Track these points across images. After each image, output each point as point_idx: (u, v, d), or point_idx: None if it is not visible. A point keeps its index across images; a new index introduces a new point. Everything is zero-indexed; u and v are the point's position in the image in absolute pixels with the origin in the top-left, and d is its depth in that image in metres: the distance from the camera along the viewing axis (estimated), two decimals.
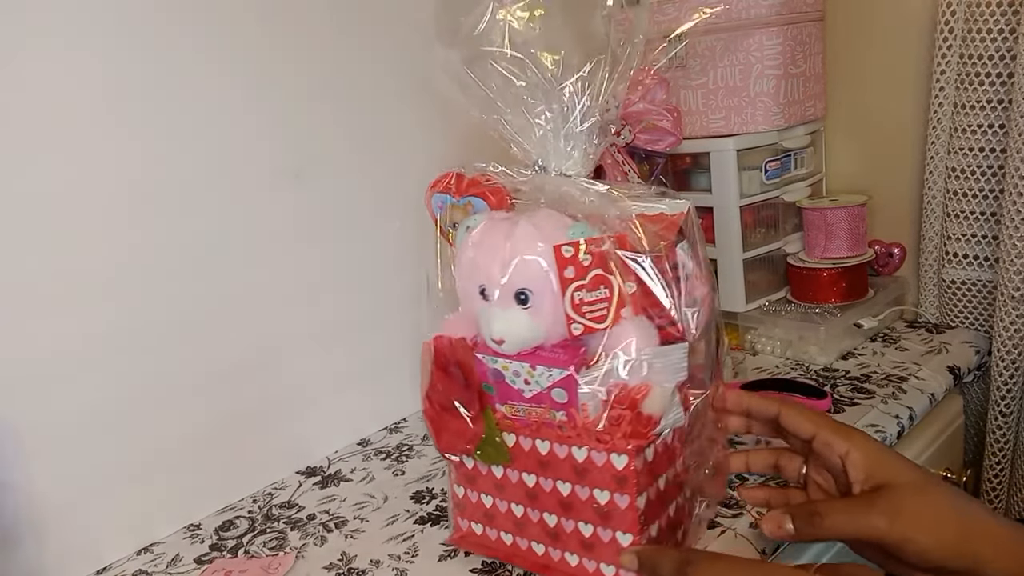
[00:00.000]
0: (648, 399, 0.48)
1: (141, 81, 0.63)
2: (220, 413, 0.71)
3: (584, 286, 0.47)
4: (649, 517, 0.50)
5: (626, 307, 0.48)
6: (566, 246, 0.47)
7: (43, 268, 0.60)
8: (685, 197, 0.86)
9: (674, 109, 0.82)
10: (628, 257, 0.48)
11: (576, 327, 0.48)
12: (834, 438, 0.52)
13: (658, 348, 0.49)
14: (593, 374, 0.48)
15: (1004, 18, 0.78)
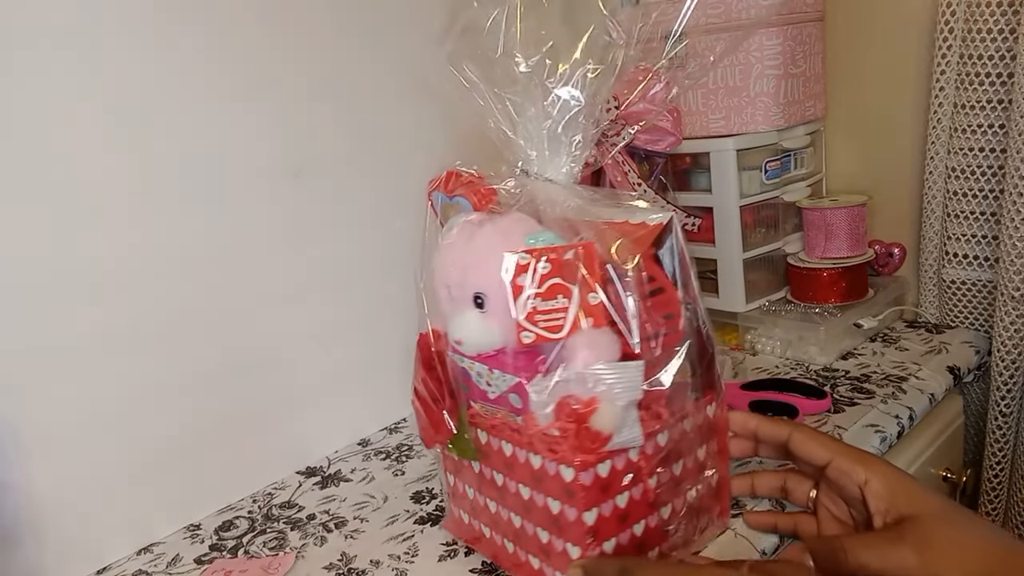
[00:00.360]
0: (596, 415, 0.47)
1: (141, 80, 0.63)
2: (220, 413, 0.71)
3: (539, 295, 0.47)
4: (602, 533, 0.50)
5: (586, 319, 0.47)
6: (522, 253, 0.46)
7: (43, 268, 0.60)
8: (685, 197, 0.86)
9: (674, 109, 0.82)
10: (595, 268, 0.47)
11: (527, 335, 0.47)
12: (852, 466, 0.50)
13: (613, 364, 0.47)
14: (544, 384, 0.47)
15: (1004, 18, 0.78)
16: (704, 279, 0.93)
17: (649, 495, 0.51)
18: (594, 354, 0.47)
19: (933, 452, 0.80)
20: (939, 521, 0.47)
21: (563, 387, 0.47)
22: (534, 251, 0.47)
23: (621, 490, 0.50)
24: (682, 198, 0.90)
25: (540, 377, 0.48)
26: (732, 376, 0.83)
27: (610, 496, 0.49)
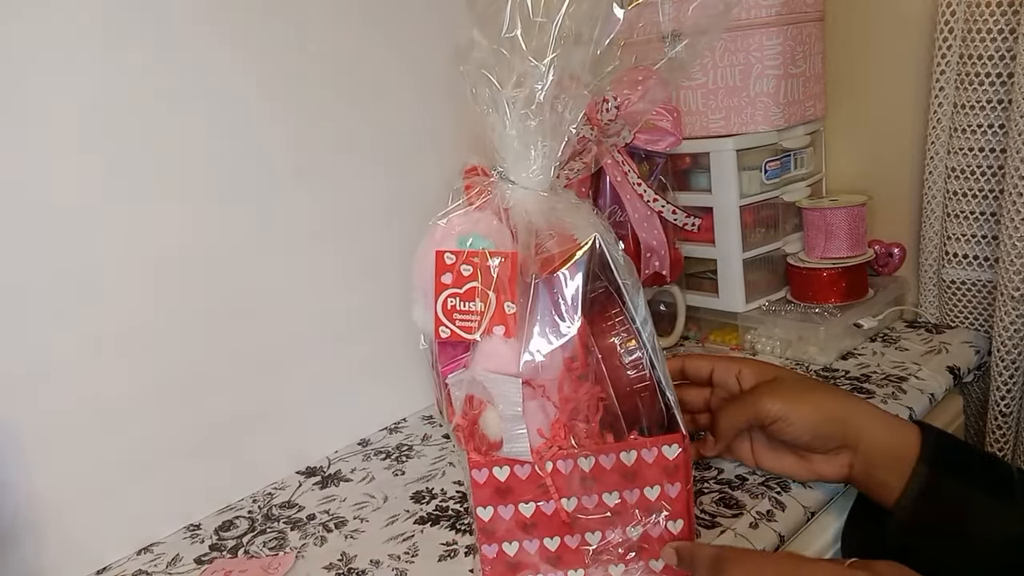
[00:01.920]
0: (482, 419, 0.49)
1: (142, 80, 0.63)
2: (220, 413, 0.71)
3: (459, 295, 0.49)
4: (498, 535, 0.52)
5: (498, 326, 0.49)
6: (448, 253, 0.49)
7: (43, 268, 0.60)
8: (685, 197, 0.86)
9: (674, 109, 0.82)
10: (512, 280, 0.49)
11: (444, 331, 0.49)
12: (728, 364, 0.63)
13: (498, 375, 0.48)
14: (458, 377, 0.50)
15: (1004, 18, 0.78)
16: (704, 279, 0.94)
17: (561, 514, 0.51)
18: (492, 362, 0.49)
19: None
20: (791, 378, 0.61)
21: (468, 386, 0.49)
22: (460, 253, 0.49)
23: (520, 498, 0.51)
24: (682, 198, 0.90)
25: (459, 371, 0.50)
26: None
27: (509, 501, 0.51)
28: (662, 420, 0.53)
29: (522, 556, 0.53)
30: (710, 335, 0.95)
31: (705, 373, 0.64)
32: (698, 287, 0.94)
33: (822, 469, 0.58)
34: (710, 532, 0.58)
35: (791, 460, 0.60)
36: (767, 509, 0.60)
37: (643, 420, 0.52)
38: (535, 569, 0.53)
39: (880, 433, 0.55)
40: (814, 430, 0.56)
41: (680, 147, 0.83)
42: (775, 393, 0.57)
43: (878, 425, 0.55)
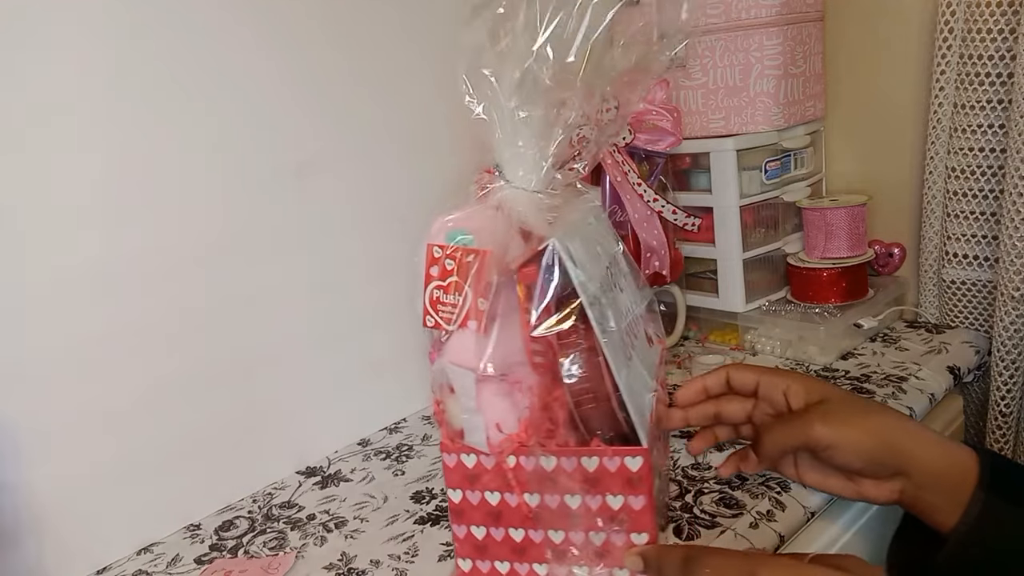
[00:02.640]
0: (446, 406, 0.52)
1: (143, 78, 0.63)
2: (220, 413, 0.71)
3: (443, 287, 0.51)
4: (467, 516, 0.54)
5: (473, 320, 0.50)
6: (436, 247, 0.51)
7: (43, 268, 0.60)
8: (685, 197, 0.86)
9: (674, 109, 0.82)
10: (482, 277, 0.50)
11: (429, 320, 0.52)
12: (775, 378, 0.60)
13: (456, 366, 0.50)
14: (439, 363, 0.52)
15: (1004, 18, 0.78)
16: (704, 279, 0.94)
17: (524, 508, 0.52)
18: (459, 355, 0.50)
19: None
20: (842, 401, 0.57)
21: (438, 375, 0.52)
22: (445, 247, 0.51)
23: (486, 487, 0.53)
24: (682, 198, 0.90)
25: (437, 360, 0.53)
26: None
27: (477, 488, 0.53)
28: (622, 431, 0.52)
29: (489, 542, 0.54)
30: (710, 335, 0.95)
31: (750, 385, 0.61)
32: (698, 287, 0.94)
33: (870, 492, 0.56)
34: (710, 532, 0.58)
35: (837, 480, 0.57)
36: (767, 509, 0.60)
37: (603, 428, 0.51)
38: (501, 556, 0.55)
39: (934, 458, 0.53)
40: (866, 458, 0.54)
41: (680, 147, 0.83)
42: (826, 418, 0.54)
43: (932, 450, 0.53)
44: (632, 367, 0.53)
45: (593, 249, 0.53)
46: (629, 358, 0.53)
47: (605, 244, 0.57)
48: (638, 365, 0.55)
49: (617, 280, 0.57)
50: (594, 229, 0.55)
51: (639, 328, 0.58)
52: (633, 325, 0.57)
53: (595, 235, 0.55)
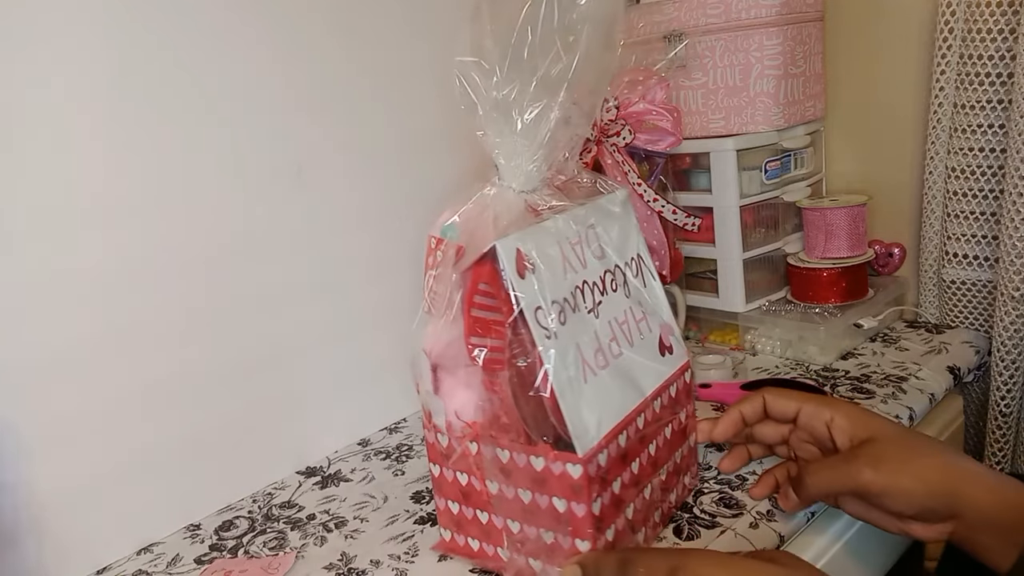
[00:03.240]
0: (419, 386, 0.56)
1: (144, 78, 0.63)
2: (220, 413, 0.71)
3: (434, 276, 0.54)
4: (444, 491, 0.58)
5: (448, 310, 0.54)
6: (432, 238, 0.53)
7: (43, 267, 0.60)
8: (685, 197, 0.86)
9: (674, 109, 0.82)
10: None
11: (424, 305, 0.55)
12: (818, 408, 0.57)
13: (419, 352, 0.55)
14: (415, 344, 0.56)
15: (1004, 18, 0.78)
16: (704, 279, 0.94)
17: (484, 494, 0.55)
18: (429, 341, 0.54)
19: None
20: (893, 440, 0.53)
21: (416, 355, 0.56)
22: (439, 240, 0.53)
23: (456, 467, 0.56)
24: (682, 198, 0.90)
25: None
26: (732, 376, 0.83)
27: (449, 466, 0.57)
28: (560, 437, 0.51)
29: (461, 518, 0.58)
30: (710, 335, 0.95)
31: (790, 414, 0.59)
32: (698, 287, 0.94)
33: (918, 532, 0.53)
34: (710, 532, 0.58)
35: (881, 516, 0.54)
36: (767, 509, 0.60)
37: (547, 431, 0.51)
38: (472, 534, 0.58)
39: (989, 502, 0.50)
40: (919, 505, 0.50)
41: (680, 147, 0.83)
42: (877, 464, 0.51)
43: (987, 492, 0.50)
44: (603, 377, 0.53)
45: (554, 252, 0.52)
46: (603, 365, 0.53)
47: (604, 247, 0.57)
48: (622, 374, 0.54)
49: (616, 285, 0.57)
50: (574, 232, 0.54)
51: (647, 336, 0.58)
52: (627, 332, 0.56)
53: (577, 238, 0.54)
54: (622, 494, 0.53)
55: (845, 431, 0.55)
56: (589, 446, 0.50)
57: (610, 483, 0.52)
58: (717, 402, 0.78)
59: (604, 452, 0.51)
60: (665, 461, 0.59)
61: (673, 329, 0.61)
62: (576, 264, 0.54)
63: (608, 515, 0.52)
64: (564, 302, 0.52)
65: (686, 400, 0.61)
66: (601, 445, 0.51)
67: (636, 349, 0.57)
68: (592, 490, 0.50)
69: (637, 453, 0.55)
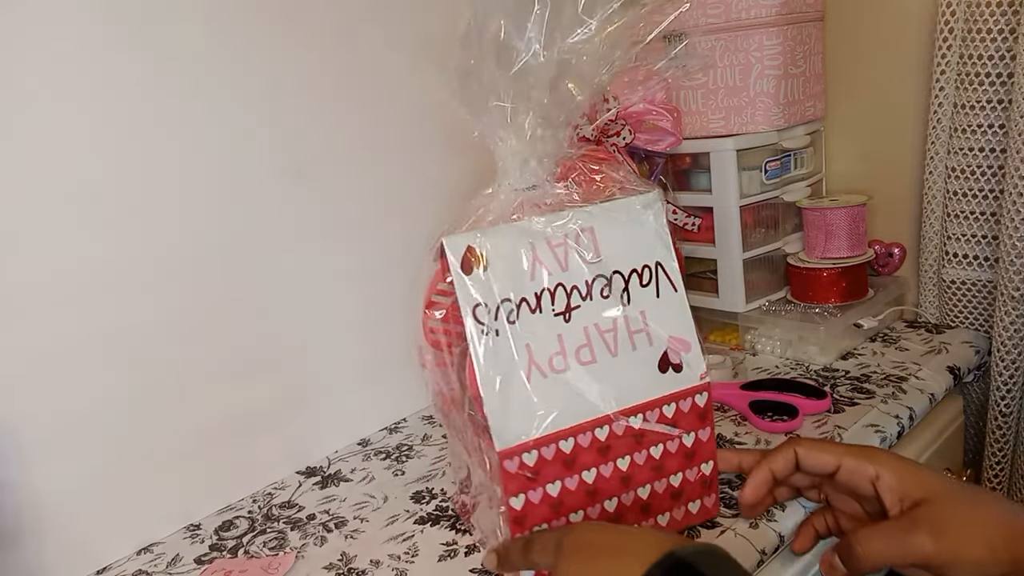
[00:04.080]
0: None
1: (144, 78, 0.63)
2: (220, 413, 0.71)
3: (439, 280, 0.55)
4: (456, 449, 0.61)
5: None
6: (438, 246, 0.53)
7: (43, 267, 0.60)
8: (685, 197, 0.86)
9: (674, 109, 0.82)
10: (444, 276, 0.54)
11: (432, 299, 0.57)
12: (861, 464, 0.51)
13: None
14: None
15: (1004, 18, 0.78)
16: (704, 279, 0.94)
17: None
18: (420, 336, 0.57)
19: (933, 452, 0.80)
20: (952, 502, 0.48)
21: None
22: (438, 245, 0.53)
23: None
24: (682, 198, 0.90)
25: None
26: (732, 376, 0.83)
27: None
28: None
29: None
30: (710, 335, 0.95)
31: (828, 470, 0.53)
32: (698, 287, 0.94)
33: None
34: (710, 532, 0.58)
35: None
36: (767, 509, 0.60)
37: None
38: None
39: None
40: (985, 573, 0.46)
41: (680, 147, 0.83)
42: (938, 532, 0.46)
43: None
44: (556, 380, 0.53)
45: (519, 251, 0.53)
46: (562, 369, 0.53)
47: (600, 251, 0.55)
48: (590, 382, 0.53)
49: (607, 292, 0.54)
50: (558, 234, 0.54)
51: (643, 349, 0.55)
52: (611, 341, 0.54)
53: (561, 240, 0.54)
54: (563, 498, 0.53)
55: (894, 491, 0.49)
56: (509, 444, 0.51)
57: (542, 484, 0.53)
58: (717, 403, 0.78)
59: (533, 453, 0.52)
60: (647, 481, 0.56)
61: (691, 346, 0.56)
62: (553, 265, 0.54)
63: (535, 513, 0.53)
64: (522, 301, 0.52)
65: (696, 423, 0.56)
66: (528, 445, 0.52)
67: (621, 360, 0.54)
68: (511, 484, 0.51)
69: (593, 464, 0.54)
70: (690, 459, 0.57)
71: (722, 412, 0.76)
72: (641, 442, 0.55)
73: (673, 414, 0.56)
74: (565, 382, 0.53)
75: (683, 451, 0.57)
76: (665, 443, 0.56)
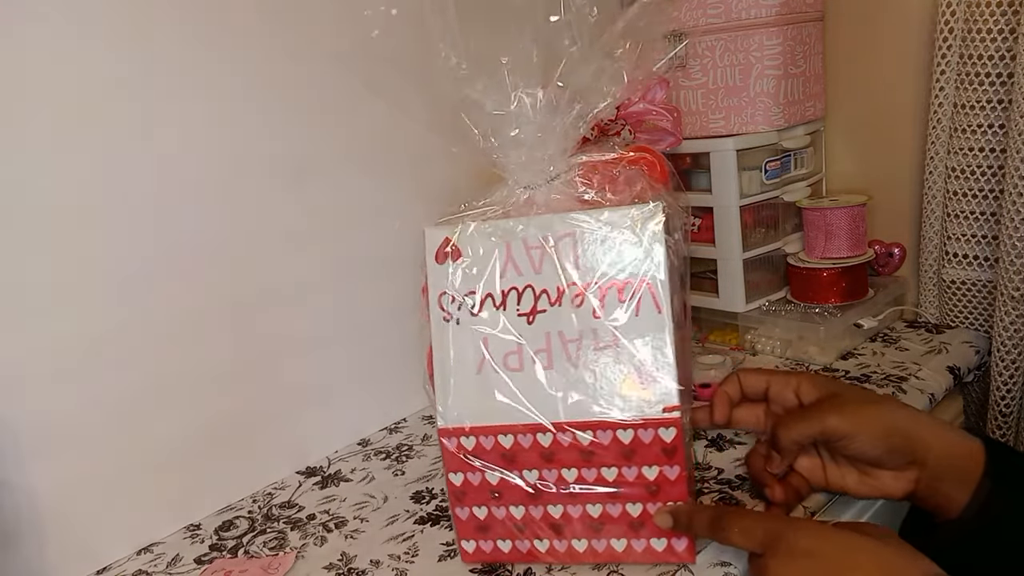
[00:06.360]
0: None
1: (148, 76, 0.63)
2: (220, 413, 0.71)
3: None
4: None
5: None
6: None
7: (43, 268, 0.60)
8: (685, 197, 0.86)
9: (674, 109, 0.82)
10: None
11: None
12: (785, 378, 0.60)
13: None
14: None
15: (1004, 18, 0.78)
16: (704, 279, 0.94)
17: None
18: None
19: None
20: (856, 393, 0.59)
21: None
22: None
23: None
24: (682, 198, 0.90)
25: None
26: None
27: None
28: None
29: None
30: (710, 335, 0.95)
31: (760, 389, 0.61)
32: (698, 287, 0.94)
33: (888, 486, 0.55)
34: None
35: (854, 477, 0.57)
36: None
37: None
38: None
39: (946, 447, 0.53)
40: (883, 445, 0.54)
41: (680, 147, 0.83)
42: (842, 409, 0.55)
43: (944, 439, 0.54)
44: (506, 378, 0.54)
45: (494, 249, 0.55)
46: (515, 368, 0.54)
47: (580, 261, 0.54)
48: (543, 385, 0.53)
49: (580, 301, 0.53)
50: (536, 237, 0.54)
51: (609, 368, 0.53)
52: (574, 352, 0.53)
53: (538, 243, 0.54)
54: (503, 490, 0.56)
55: (812, 393, 0.58)
56: (448, 424, 0.55)
57: (481, 471, 0.55)
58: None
59: (472, 439, 0.55)
60: (598, 501, 0.54)
61: (663, 374, 0.52)
62: (526, 267, 0.54)
63: (475, 493, 0.56)
64: (487, 296, 0.55)
65: (661, 459, 0.52)
66: (466, 430, 0.55)
67: (580, 372, 0.53)
68: (450, 461, 0.56)
69: (535, 466, 0.54)
70: (653, 494, 0.53)
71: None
72: (590, 460, 0.53)
73: (630, 441, 0.52)
74: (516, 381, 0.54)
75: (644, 482, 0.53)
76: (621, 467, 0.53)
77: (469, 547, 0.58)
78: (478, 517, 0.57)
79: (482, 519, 0.57)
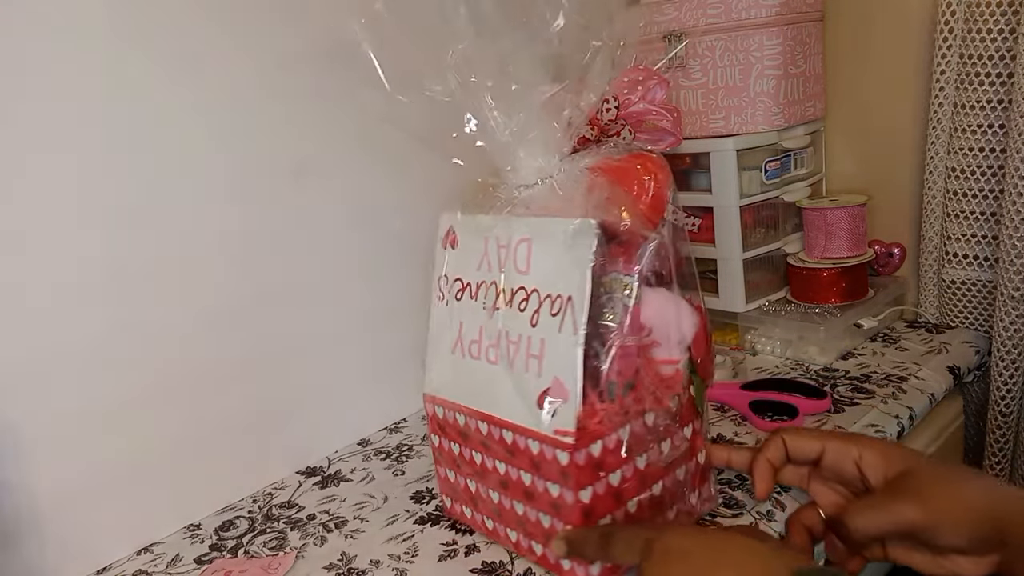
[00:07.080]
0: None
1: (148, 77, 0.63)
2: (220, 413, 0.71)
3: None
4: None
5: None
6: None
7: (43, 267, 0.60)
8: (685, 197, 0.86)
9: (674, 109, 0.82)
10: None
11: None
12: (844, 445, 0.53)
13: None
14: None
15: (1004, 18, 0.78)
16: (704, 279, 0.94)
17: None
18: None
19: (933, 452, 0.80)
20: (932, 472, 0.49)
21: None
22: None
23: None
24: (682, 198, 0.90)
25: None
26: (732, 376, 0.83)
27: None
28: None
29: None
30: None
31: (811, 456, 0.54)
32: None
33: (964, 570, 0.48)
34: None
35: (925, 557, 0.49)
36: (767, 509, 0.60)
37: None
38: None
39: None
40: (969, 534, 0.46)
41: (680, 147, 0.83)
42: (919, 495, 0.48)
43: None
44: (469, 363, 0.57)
45: (478, 243, 0.58)
46: (475, 356, 0.57)
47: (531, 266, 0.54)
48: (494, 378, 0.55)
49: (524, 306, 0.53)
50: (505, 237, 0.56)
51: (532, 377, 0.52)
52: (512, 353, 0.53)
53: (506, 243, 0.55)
54: (460, 463, 0.60)
55: (878, 468, 0.51)
56: (428, 391, 0.61)
57: (447, 439, 0.61)
58: (717, 402, 0.78)
59: (440, 409, 0.60)
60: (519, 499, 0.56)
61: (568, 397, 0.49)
62: (495, 264, 0.56)
63: (445, 456, 0.62)
64: (467, 285, 0.58)
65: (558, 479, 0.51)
66: (437, 400, 0.60)
67: (514, 375, 0.53)
68: (431, 423, 0.62)
69: (479, 450, 0.58)
70: (556, 511, 0.52)
71: (722, 412, 0.77)
72: (512, 460, 0.55)
73: (537, 453, 0.52)
74: (473, 368, 0.57)
75: (548, 500, 0.53)
76: (533, 476, 0.53)
77: (447, 502, 0.65)
78: (449, 480, 0.63)
79: (451, 481, 0.63)
